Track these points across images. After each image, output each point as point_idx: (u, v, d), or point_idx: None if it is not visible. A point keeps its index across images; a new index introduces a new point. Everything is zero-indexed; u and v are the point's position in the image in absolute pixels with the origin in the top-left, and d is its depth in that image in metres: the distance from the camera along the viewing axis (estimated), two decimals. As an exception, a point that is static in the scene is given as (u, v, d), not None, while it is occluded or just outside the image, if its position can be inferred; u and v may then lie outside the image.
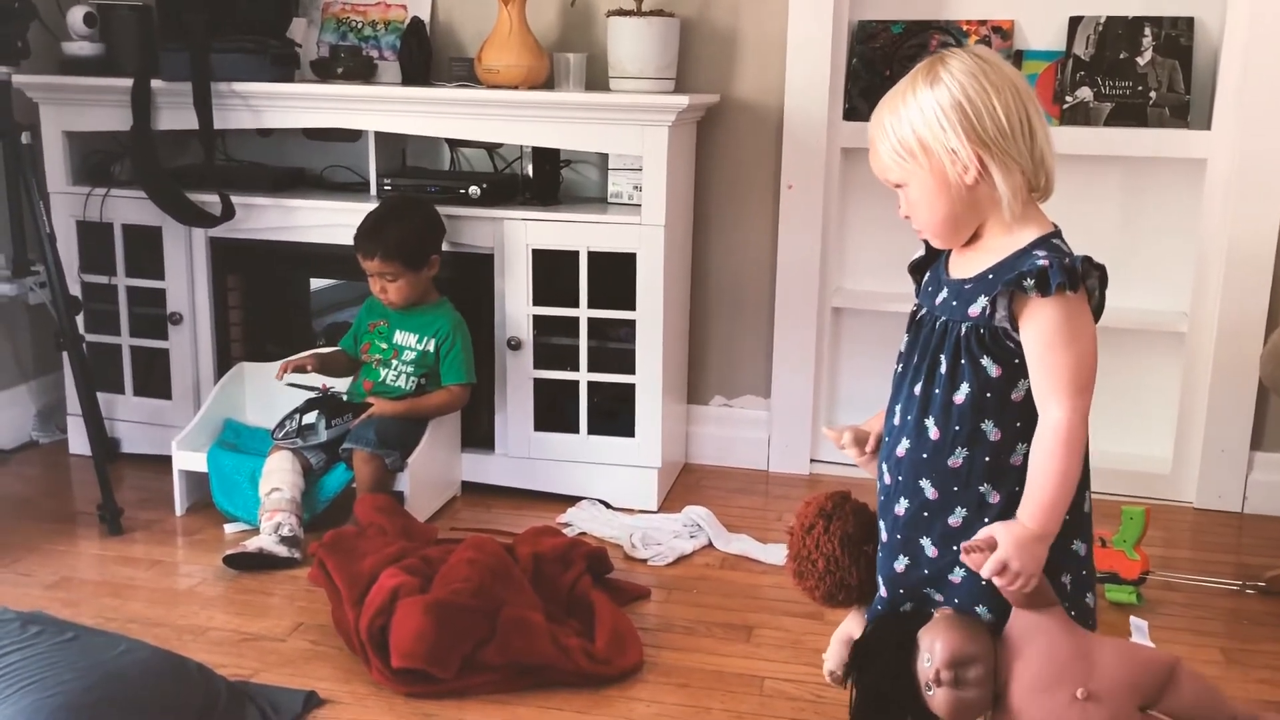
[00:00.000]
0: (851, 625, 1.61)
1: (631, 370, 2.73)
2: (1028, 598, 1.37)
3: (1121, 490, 2.81)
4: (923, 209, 1.40)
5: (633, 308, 2.69)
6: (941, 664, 1.38)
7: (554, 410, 2.80)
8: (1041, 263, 1.32)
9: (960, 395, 1.38)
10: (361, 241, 2.62)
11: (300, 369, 2.67)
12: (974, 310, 1.37)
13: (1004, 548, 1.34)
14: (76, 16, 2.90)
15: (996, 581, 1.35)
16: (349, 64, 2.88)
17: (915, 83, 1.38)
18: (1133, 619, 1.37)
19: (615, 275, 2.69)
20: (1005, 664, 1.39)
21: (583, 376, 2.75)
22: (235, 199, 2.80)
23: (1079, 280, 1.32)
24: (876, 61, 2.93)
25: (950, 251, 1.46)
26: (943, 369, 1.40)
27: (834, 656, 1.63)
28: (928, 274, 1.51)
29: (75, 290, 2.85)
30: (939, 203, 1.38)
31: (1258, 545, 2.65)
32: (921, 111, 1.36)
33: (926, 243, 1.49)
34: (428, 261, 2.64)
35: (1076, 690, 1.35)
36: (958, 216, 1.39)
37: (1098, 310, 1.38)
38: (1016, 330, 1.35)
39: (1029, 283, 1.31)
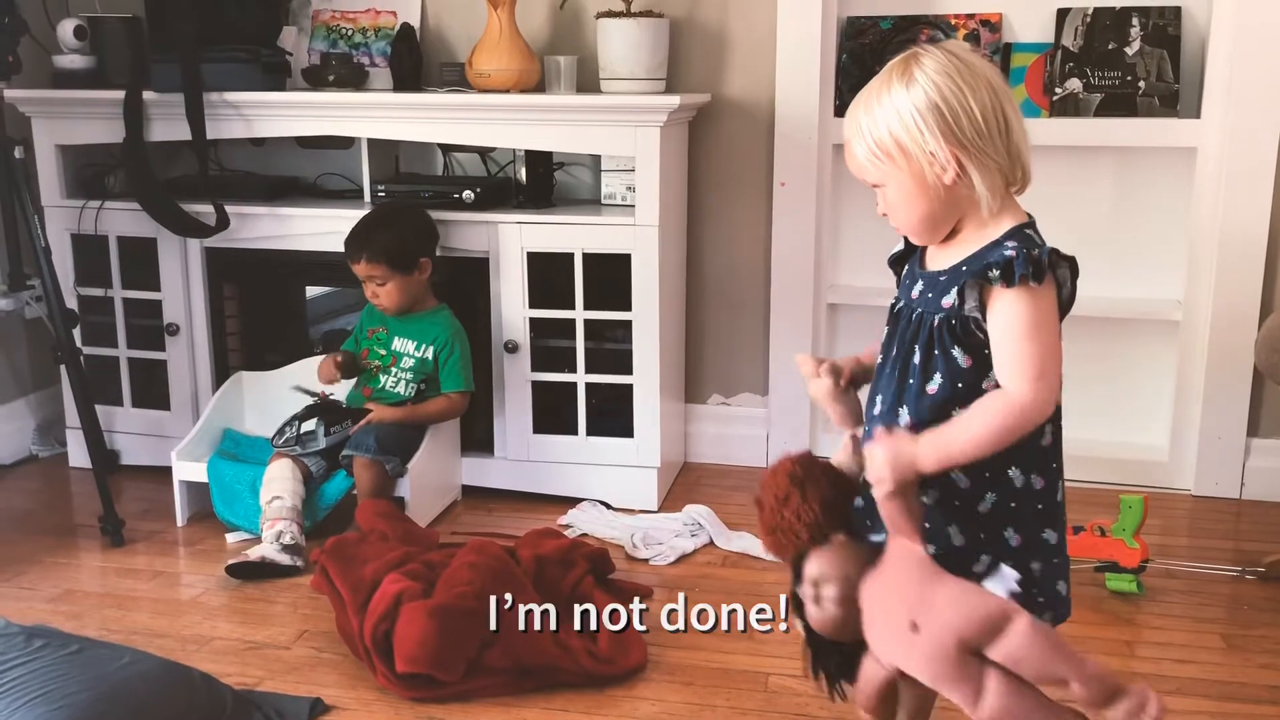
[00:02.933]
0: None
1: (629, 371, 2.73)
2: (889, 510, 1.38)
3: (1119, 479, 2.82)
4: (901, 209, 1.41)
5: (629, 308, 2.70)
6: (805, 580, 1.47)
7: (552, 412, 2.81)
8: (1009, 253, 1.33)
9: (933, 385, 1.40)
10: (349, 245, 2.63)
11: (337, 367, 2.68)
12: (946, 302, 1.38)
13: (886, 445, 1.36)
14: (67, 30, 2.91)
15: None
16: (340, 71, 2.89)
17: (890, 83, 1.37)
18: (1003, 566, 1.37)
19: (610, 276, 2.70)
20: (864, 588, 1.44)
21: (580, 378, 2.76)
22: (229, 208, 2.81)
23: (1044, 271, 1.32)
24: (866, 57, 2.94)
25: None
26: (916, 360, 1.41)
27: None
28: (906, 267, 1.52)
29: (72, 303, 2.85)
30: (917, 203, 1.39)
31: (1256, 531, 2.66)
32: (898, 114, 1.35)
33: (906, 237, 1.50)
34: (417, 265, 2.64)
35: (907, 620, 1.36)
36: (936, 216, 1.39)
37: (1068, 302, 1.39)
38: (986, 321, 1.36)
39: (994, 273, 1.32)
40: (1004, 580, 1.36)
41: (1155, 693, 1.28)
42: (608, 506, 2.76)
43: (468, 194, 2.76)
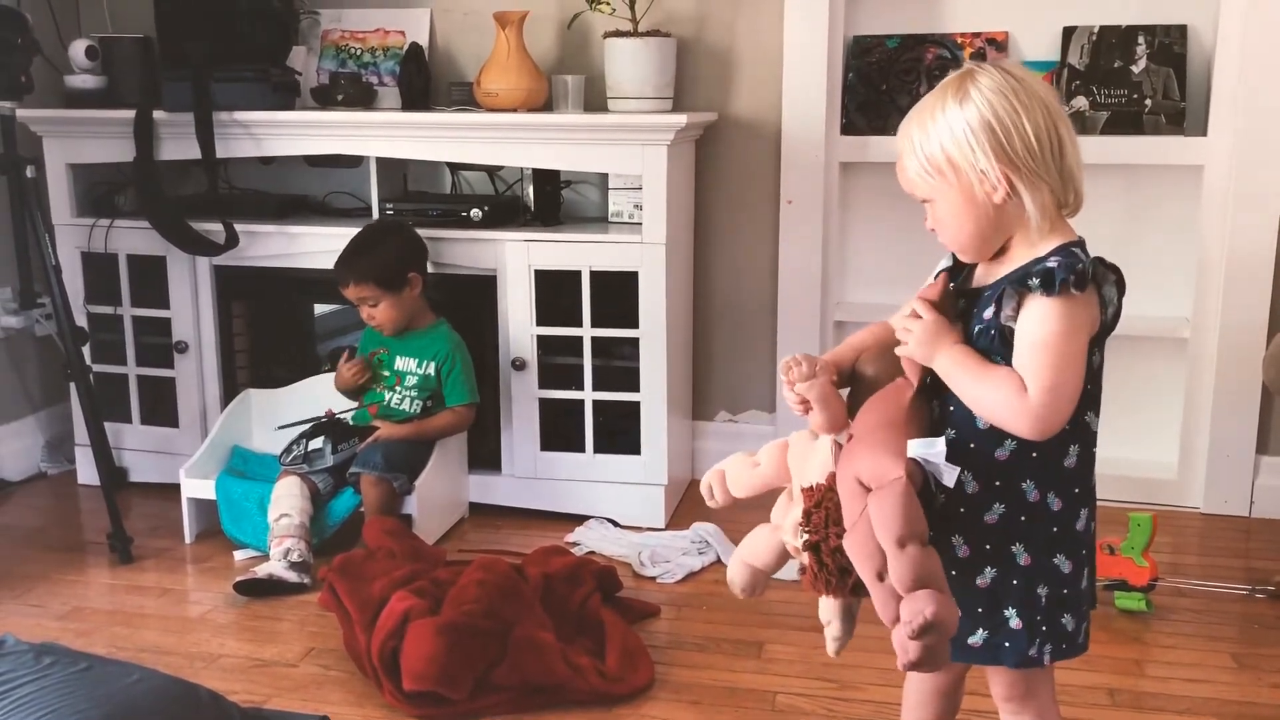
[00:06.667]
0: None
1: (636, 388, 2.73)
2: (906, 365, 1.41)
3: (1128, 497, 2.82)
4: (949, 225, 1.41)
5: (636, 326, 2.70)
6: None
7: (560, 430, 2.81)
8: (1051, 265, 1.33)
9: None
10: (337, 271, 2.64)
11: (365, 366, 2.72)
12: (987, 314, 1.38)
13: (925, 321, 1.38)
14: (79, 50, 2.93)
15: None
16: (349, 91, 2.91)
17: (945, 99, 1.37)
18: (929, 442, 1.33)
19: (618, 294, 2.70)
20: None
21: (588, 395, 2.76)
22: (239, 227, 2.82)
23: (1085, 281, 1.32)
24: (873, 76, 2.95)
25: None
26: None
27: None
28: (952, 284, 1.52)
29: (81, 321, 2.86)
30: (966, 220, 1.38)
31: (1266, 549, 2.65)
32: (951, 130, 1.35)
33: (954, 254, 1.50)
34: (406, 281, 2.65)
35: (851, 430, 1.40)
36: (984, 233, 1.39)
37: (1113, 321, 1.39)
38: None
39: (1034, 282, 1.32)
40: (926, 445, 1.33)
41: (935, 609, 1.20)
42: (615, 524, 2.76)
43: (476, 212, 2.77)
